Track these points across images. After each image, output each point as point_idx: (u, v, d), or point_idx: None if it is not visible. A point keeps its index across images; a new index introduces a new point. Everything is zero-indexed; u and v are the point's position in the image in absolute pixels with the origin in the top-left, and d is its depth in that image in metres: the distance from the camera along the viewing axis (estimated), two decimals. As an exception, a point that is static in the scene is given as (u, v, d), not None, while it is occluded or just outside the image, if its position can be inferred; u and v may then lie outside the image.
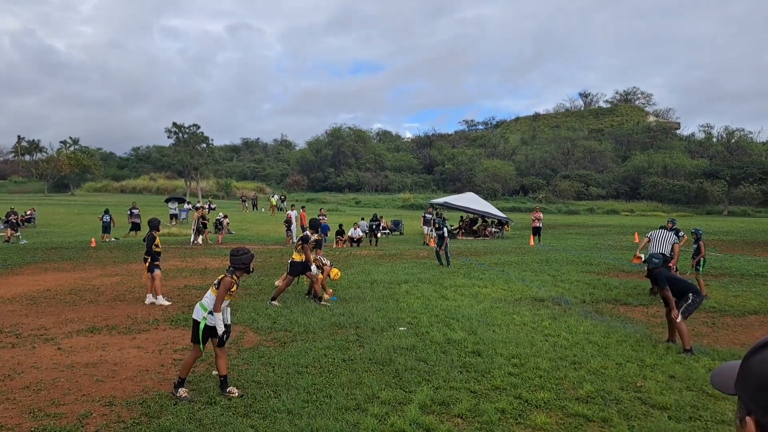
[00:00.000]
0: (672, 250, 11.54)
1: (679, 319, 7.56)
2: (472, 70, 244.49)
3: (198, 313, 5.96)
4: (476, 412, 5.31)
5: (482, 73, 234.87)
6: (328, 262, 11.95)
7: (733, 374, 0.99)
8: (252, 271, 6.30)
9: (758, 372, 0.91)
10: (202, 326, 5.85)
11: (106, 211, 26.02)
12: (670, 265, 10.77)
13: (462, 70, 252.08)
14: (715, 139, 76.07)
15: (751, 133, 76.05)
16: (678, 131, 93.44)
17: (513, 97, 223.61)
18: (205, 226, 24.78)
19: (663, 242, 11.73)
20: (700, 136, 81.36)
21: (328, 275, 11.83)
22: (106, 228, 25.23)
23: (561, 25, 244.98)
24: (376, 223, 26.45)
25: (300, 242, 11.18)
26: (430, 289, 12.24)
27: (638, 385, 6.13)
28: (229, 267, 6.05)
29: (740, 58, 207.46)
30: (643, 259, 9.75)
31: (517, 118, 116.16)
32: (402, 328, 8.63)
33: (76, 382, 6.28)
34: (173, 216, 29.59)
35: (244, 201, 49.83)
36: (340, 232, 25.05)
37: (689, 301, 7.74)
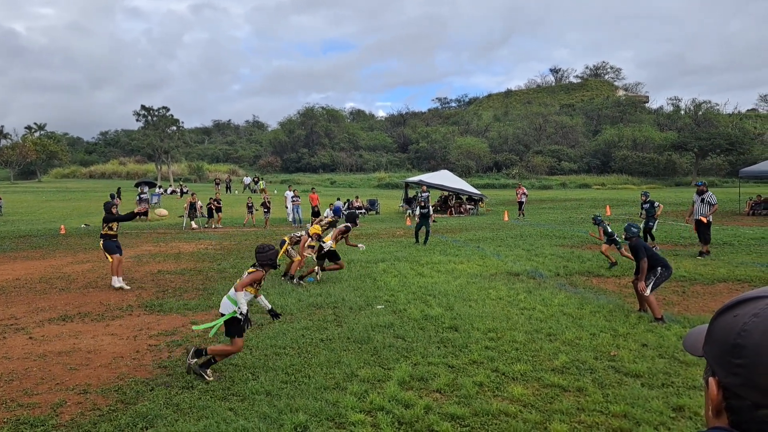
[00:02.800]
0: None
1: (647, 293, 7.71)
2: (443, 47, 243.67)
3: (227, 307, 5.94)
4: (454, 387, 5.36)
5: (453, 50, 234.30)
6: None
7: (702, 337, 1.00)
8: (278, 266, 6.44)
9: (721, 333, 0.92)
10: (227, 317, 5.87)
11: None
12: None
13: (433, 48, 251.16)
14: (683, 112, 77.19)
15: (717, 105, 77.30)
16: (647, 105, 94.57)
17: (485, 74, 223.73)
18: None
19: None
20: (669, 109, 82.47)
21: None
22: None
23: (530, 1, 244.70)
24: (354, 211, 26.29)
25: (342, 231, 11.49)
26: (407, 267, 12.28)
27: (612, 354, 6.24)
28: (255, 263, 6.04)
29: (706, 32, 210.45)
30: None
31: (490, 95, 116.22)
32: (380, 307, 8.65)
33: (49, 371, 6.16)
34: (142, 200, 28.86)
35: (217, 184, 49.24)
36: (316, 214, 24.88)
37: (657, 274, 7.89)
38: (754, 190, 31.88)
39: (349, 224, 11.64)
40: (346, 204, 27.29)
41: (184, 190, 39.48)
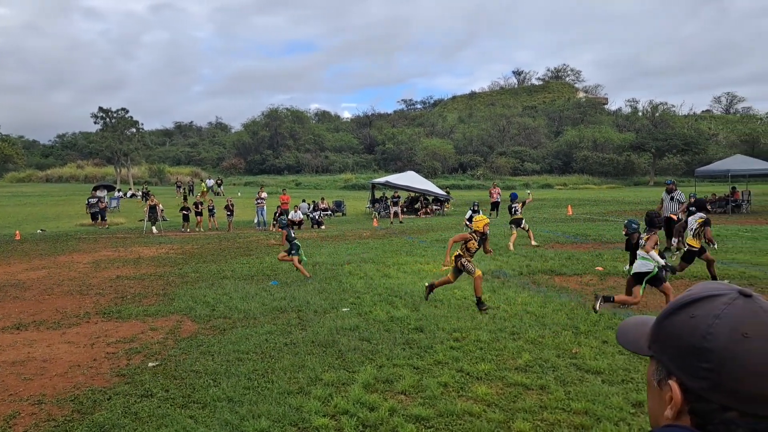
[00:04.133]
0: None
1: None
2: (408, 48, 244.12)
3: (643, 266, 7.83)
4: (419, 388, 5.36)
5: (418, 52, 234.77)
6: None
7: (642, 332, 0.98)
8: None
9: (679, 335, 0.90)
10: (652, 274, 7.78)
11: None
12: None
13: (397, 49, 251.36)
14: (640, 113, 79.22)
15: (673, 106, 79.60)
16: (606, 106, 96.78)
17: (449, 76, 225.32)
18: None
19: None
20: (627, 110, 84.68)
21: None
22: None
23: (492, 3, 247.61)
24: (317, 212, 26.00)
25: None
26: (373, 269, 12.26)
27: (573, 351, 6.34)
28: (646, 228, 8.16)
29: (661, 35, 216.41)
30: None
31: (454, 97, 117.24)
32: (345, 309, 8.60)
33: (2, 382, 5.93)
34: (92, 205, 27.45)
35: (179, 187, 48.32)
36: (280, 215, 24.63)
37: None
38: (709, 189, 32.91)
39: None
40: (312, 205, 27.12)
41: (147, 192, 38.35)
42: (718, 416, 0.84)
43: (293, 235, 11.83)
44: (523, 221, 16.03)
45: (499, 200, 27.50)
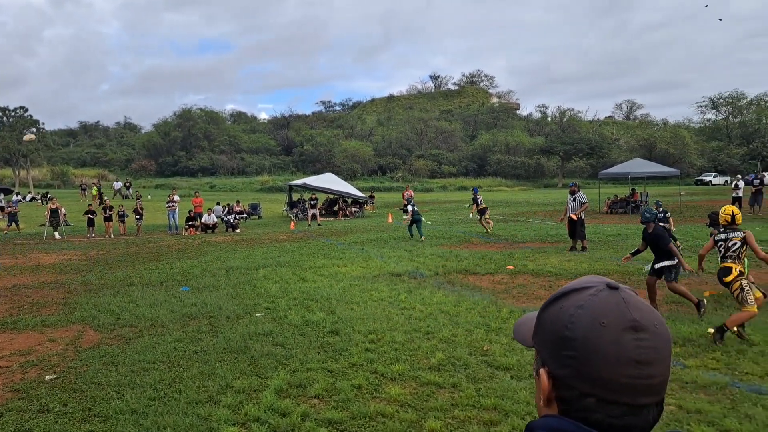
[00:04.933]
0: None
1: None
2: (325, 50, 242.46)
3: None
4: (333, 391, 5.32)
5: (335, 54, 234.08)
6: None
7: (530, 327, 1.01)
8: None
9: (550, 325, 0.93)
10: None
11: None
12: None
13: (315, 51, 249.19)
14: (549, 119, 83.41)
15: (579, 112, 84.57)
16: (518, 111, 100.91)
17: (367, 79, 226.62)
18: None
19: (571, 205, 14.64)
20: (537, 115, 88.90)
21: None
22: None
23: (406, 8, 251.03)
24: (232, 215, 25.21)
25: None
26: (289, 273, 12.09)
27: (484, 349, 6.52)
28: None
29: (567, 44, 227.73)
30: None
31: (373, 100, 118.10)
32: (259, 314, 8.42)
33: None
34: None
35: (84, 189, 45.64)
36: (191, 219, 23.77)
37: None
38: (612, 191, 34.97)
39: None
40: (227, 208, 26.41)
41: (49, 196, 35.72)
42: (578, 403, 0.87)
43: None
44: (487, 211, 19.93)
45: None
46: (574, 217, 14.52)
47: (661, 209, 15.83)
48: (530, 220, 24.36)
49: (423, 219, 19.07)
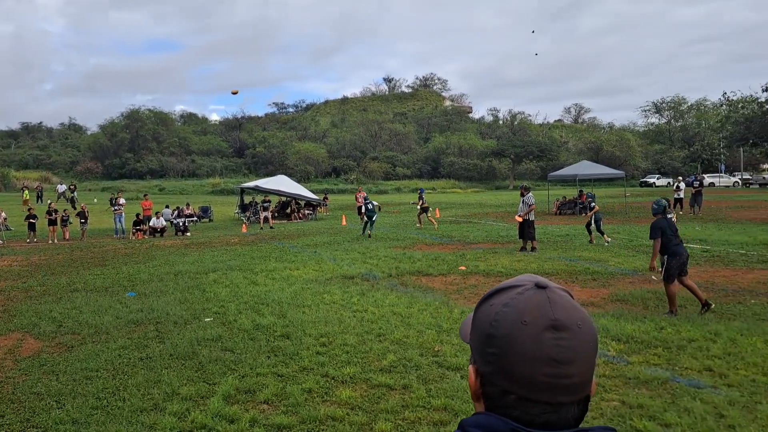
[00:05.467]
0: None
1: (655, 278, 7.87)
2: (278, 51, 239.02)
3: None
4: (282, 396, 5.27)
5: (288, 55, 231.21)
6: None
7: (470, 324, 1.03)
8: None
9: (479, 323, 0.95)
10: None
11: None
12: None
13: (267, 51, 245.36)
14: (501, 122, 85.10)
15: (530, 115, 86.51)
16: (470, 114, 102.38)
17: (321, 80, 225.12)
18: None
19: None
20: (489, 118, 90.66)
21: None
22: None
23: (360, 10, 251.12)
24: (182, 219, 24.60)
25: None
26: (240, 276, 11.91)
27: (435, 350, 6.58)
28: None
29: (516, 48, 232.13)
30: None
31: (327, 102, 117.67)
32: (208, 319, 8.26)
33: None
34: None
35: (24, 191, 43.76)
36: (138, 222, 23.10)
37: (664, 262, 8.00)
38: (560, 192, 35.96)
39: None
40: (176, 211, 25.80)
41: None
42: (501, 399, 0.89)
43: None
44: (429, 210, 22.55)
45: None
46: (519, 219, 14.86)
47: (590, 195, 17.43)
48: (482, 221, 24.74)
49: (376, 217, 19.82)
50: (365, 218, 19.57)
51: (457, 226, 22.25)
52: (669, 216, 8.62)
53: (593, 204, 17.65)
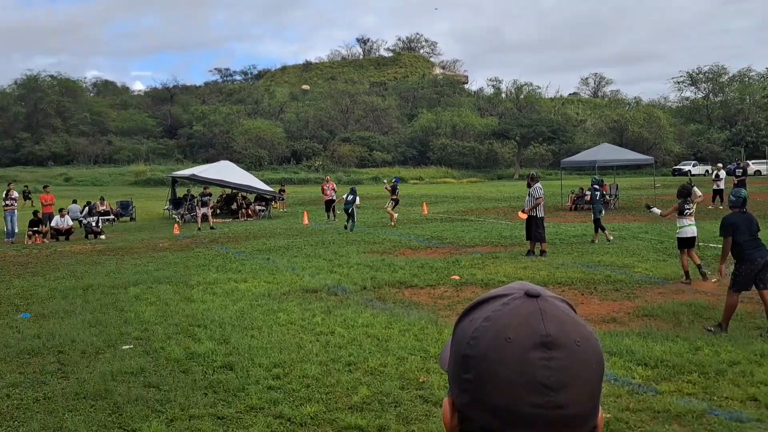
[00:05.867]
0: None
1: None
2: (221, 4, 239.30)
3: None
4: (223, 445, 5.19)
5: (234, 9, 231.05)
6: None
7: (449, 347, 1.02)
8: None
9: (458, 340, 0.93)
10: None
11: None
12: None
13: (206, 4, 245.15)
14: (504, 95, 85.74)
15: (539, 88, 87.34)
16: (466, 86, 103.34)
17: (277, 41, 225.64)
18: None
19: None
20: (489, 91, 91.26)
21: None
22: None
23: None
24: (94, 217, 24.22)
25: None
26: (170, 291, 11.80)
27: (420, 380, 6.55)
28: None
29: (520, 4, 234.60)
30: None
31: (285, 68, 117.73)
32: (126, 347, 8.16)
33: None
34: None
35: None
36: (36, 222, 22.67)
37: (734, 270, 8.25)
38: (576, 183, 36.08)
39: None
40: (86, 208, 25.47)
41: None
42: None
43: None
44: (398, 204, 24.00)
45: (334, 198, 27.34)
46: (523, 216, 14.92)
47: (596, 180, 18.55)
48: (480, 218, 24.88)
49: (352, 209, 22.04)
50: (345, 213, 21.68)
51: (449, 225, 22.33)
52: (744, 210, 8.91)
53: (598, 194, 17.81)
